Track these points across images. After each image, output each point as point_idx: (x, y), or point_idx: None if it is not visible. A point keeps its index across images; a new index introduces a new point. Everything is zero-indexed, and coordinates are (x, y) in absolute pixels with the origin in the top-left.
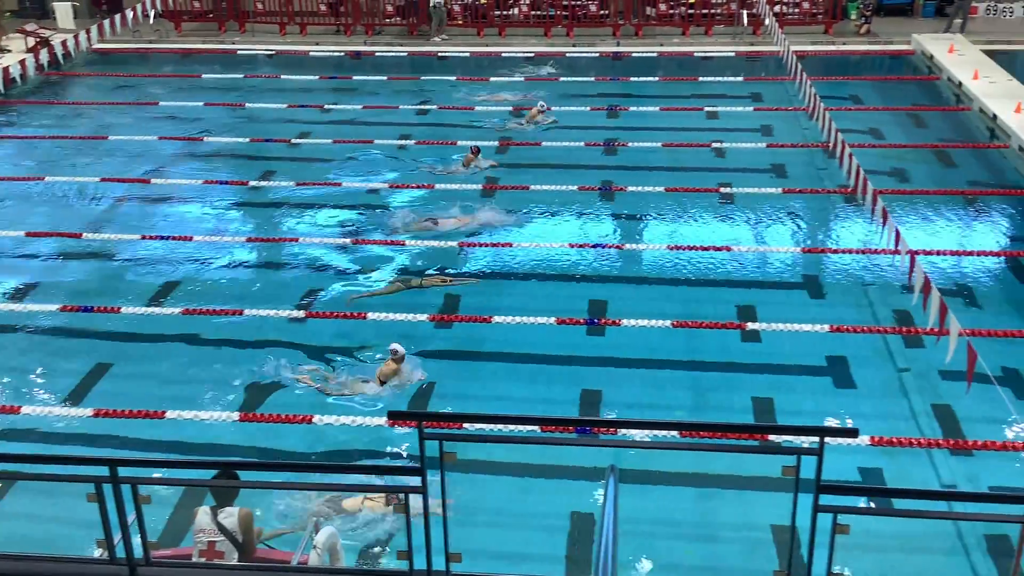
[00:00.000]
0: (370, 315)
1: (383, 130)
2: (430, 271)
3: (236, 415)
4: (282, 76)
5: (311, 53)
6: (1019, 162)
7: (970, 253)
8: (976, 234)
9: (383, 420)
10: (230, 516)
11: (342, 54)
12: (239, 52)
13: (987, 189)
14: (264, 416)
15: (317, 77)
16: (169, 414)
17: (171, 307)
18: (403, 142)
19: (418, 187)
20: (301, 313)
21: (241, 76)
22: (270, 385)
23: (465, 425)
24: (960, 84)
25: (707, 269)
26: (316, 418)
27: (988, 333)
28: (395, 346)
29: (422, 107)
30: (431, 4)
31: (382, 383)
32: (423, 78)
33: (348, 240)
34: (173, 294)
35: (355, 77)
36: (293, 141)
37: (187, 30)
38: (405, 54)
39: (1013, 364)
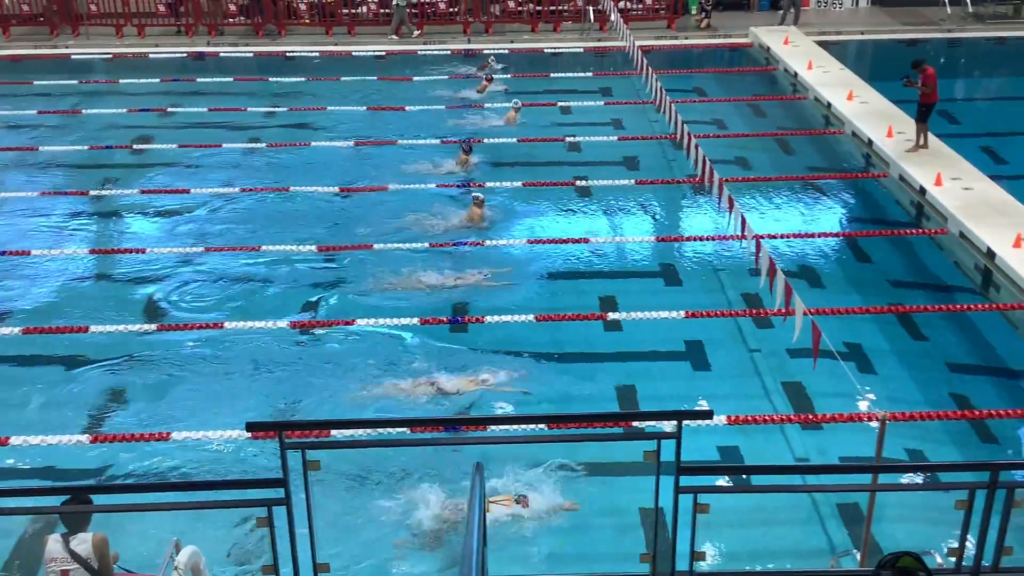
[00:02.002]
0: (227, 323)
1: (231, 133)
2: None
3: (86, 437)
4: (121, 80)
5: (151, 56)
6: (853, 147)
7: (811, 235)
8: (816, 217)
9: (243, 432)
10: (83, 543)
11: (184, 55)
12: (73, 57)
13: (825, 174)
14: (117, 436)
15: (158, 80)
16: (13, 440)
17: (10, 327)
18: (253, 145)
19: (273, 191)
20: (153, 326)
21: (76, 82)
22: (121, 403)
23: (333, 432)
24: (796, 74)
25: (567, 262)
26: (173, 435)
27: (831, 311)
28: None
29: (271, 109)
30: (393, 2)
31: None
32: (271, 79)
33: (200, 248)
34: (12, 313)
35: (199, 79)
36: (135, 147)
37: (16, 35)
38: (251, 54)
39: (855, 339)
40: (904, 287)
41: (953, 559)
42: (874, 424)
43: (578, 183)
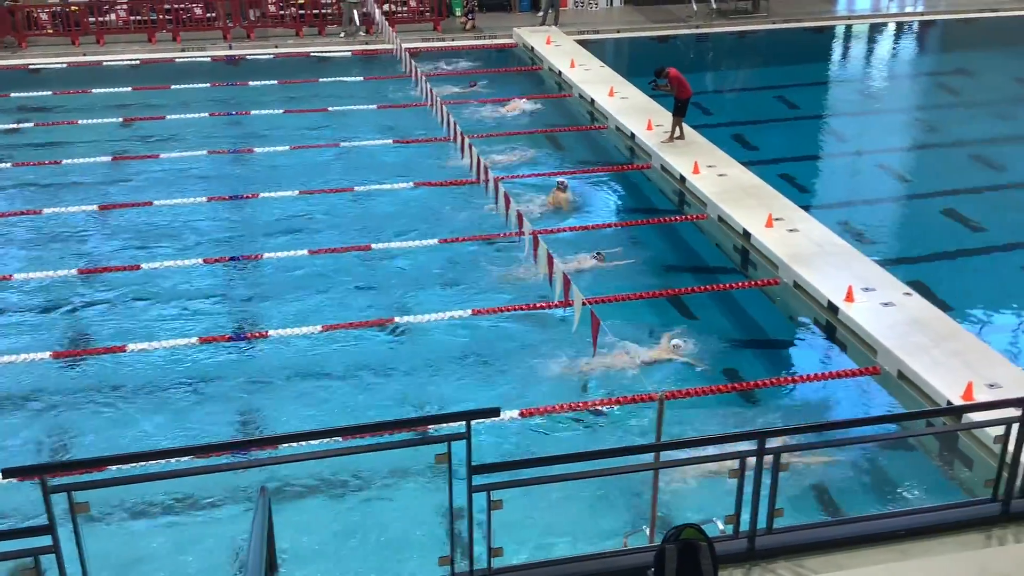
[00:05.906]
0: None
1: None
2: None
3: None
4: None
5: None
6: (617, 141)
7: (586, 228)
8: (589, 210)
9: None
10: None
11: None
12: None
13: (594, 167)
14: None
15: None
16: None
17: None
18: None
19: (23, 214)
20: None
21: None
22: None
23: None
24: (560, 73)
25: (351, 270)
26: None
27: (609, 299)
28: None
29: (15, 126)
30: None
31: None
32: (14, 95)
33: None
34: None
35: None
36: None
37: None
38: None
39: (633, 323)
40: (674, 271)
41: (731, 525)
42: (653, 404)
43: (356, 189)
